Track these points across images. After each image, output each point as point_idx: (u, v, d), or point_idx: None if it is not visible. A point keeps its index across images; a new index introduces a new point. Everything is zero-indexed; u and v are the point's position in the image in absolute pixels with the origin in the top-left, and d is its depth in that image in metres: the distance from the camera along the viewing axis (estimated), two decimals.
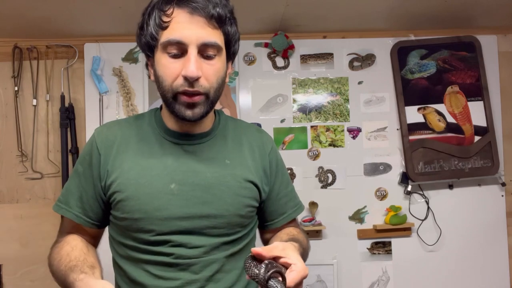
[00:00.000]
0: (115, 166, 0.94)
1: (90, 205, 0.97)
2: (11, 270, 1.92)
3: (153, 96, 1.96)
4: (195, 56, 0.87)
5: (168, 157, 0.94)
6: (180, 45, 0.87)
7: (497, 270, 2.01)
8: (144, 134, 0.98)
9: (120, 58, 1.96)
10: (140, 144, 0.96)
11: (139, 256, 0.93)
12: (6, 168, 1.95)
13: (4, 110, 1.96)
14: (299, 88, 2.01)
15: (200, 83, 0.87)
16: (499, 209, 2.03)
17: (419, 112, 1.99)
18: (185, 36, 0.86)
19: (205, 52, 0.88)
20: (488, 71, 2.02)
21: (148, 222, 0.90)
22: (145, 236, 0.91)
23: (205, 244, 0.92)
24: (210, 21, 0.88)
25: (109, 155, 0.95)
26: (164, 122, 0.98)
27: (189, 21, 0.87)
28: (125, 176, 0.92)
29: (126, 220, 0.92)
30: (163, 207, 0.90)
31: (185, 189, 0.92)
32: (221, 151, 0.98)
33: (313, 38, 2.02)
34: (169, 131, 0.97)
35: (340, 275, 1.96)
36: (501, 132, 2.03)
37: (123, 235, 0.95)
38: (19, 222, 1.93)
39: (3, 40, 1.94)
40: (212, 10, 0.87)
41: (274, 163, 1.06)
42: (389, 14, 1.85)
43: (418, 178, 1.96)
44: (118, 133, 0.98)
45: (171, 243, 0.91)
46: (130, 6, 1.65)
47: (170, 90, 0.88)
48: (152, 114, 1.02)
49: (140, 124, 1.00)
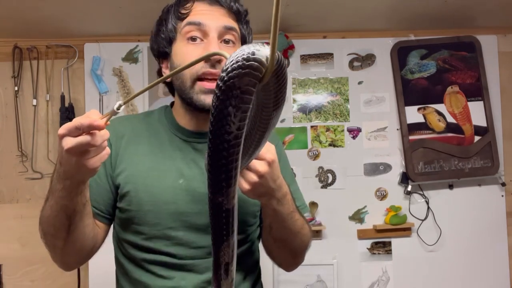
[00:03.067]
0: (125, 157, 0.93)
1: (102, 196, 0.93)
2: (11, 270, 1.92)
3: (153, 96, 1.96)
4: (216, 39, 0.88)
5: (177, 153, 0.94)
6: (200, 28, 0.88)
7: (497, 270, 2.01)
8: (154, 130, 0.97)
9: (120, 58, 1.96)
10: (151, 139, 0.96)
11: (142, 255, 0.92)
12: (6, 168, 1.95)
13: (4, 110, 1.96)
14: (299, 88, 2.01)
15: (221, 65, 0.87)
16: (499, 209, 2.03)
17: (419, 112, 1.99)
18: (206, 19, 0.88)
19: (225, 36, 0.89)
20: (488, 71, 2.02)
21: (156, 215, 0.90)
22: (150, 230, 0.90)
23: (209, 245, 0.91)
24: (229, 12, 0.90)
25: (119, 146, 0.94)
26: (176, 119, 0.98)
27: (210, 9, 0.89)
28: (135, 168, 0.92)
29: (133, 211, 0.90)
30: (172, 201, 0.90)
31: (193, 185, 0.91)
32: None
33: (313, 38, 2.02)
34: (180, 128, 0.96)
35: (340, 275, 1.96)
36: (501, 132, 2.03)
37: (127, 230, 0.93)
38: (19, 222, 1.93)
39: (3, 40, 1.94)
40: (231, 3, 0.90)
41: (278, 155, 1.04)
42: (389, 14, 1.85)
43: (418, 178, 1.96)
44: (128, 127, 0.98)
45: (175, 240, 0.90)
46: (130, 6, 1.65)
47: (189, 76, 0.87)
48: (162, 112, 1.01)
49: (150, 121, 1.00)
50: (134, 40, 1.96)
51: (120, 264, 0.98)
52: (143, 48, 1.96)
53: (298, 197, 1.06)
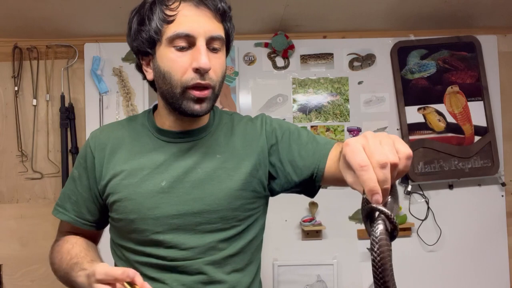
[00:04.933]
0: (109, 168, 0.94)
1: (87, 208, 0.98)
2: (11, 270, 1.92)
3: (153, 96, 1.96)
4: (205, 47, 0.86)
5: (160, 156, 0.94)
6: (188, 38, 0.86)
7: (497, 270, 2.01)
8: (136, 135, 0.98)
9: (120, 58, 1.96)
10: (132, 144, 0.96)
11: (135, 258, 0.93)
12: (6, 168, 1.95)
13: (4, 110, 1.96)
14: (299, 88, 2.01)
15: (209, 75, 0.87)
16: (499, 209, 2.02)
17: (419, 112, 1.99)
18: (193, 28, 0.85)
19: (211, 45, 0.88)
20: (488, 71, 2.02)
21: (142, 222, 0.90)
22: (139, 237, 0.91)
23: (199, 245, 0.91)
24: (215, 14, 0.88)
25: (103, 157, 0.95)
26: (156, 122, 0.98)
27: (196, 13, 0.86)
28: (118, 177, 0.92)
29: (122, 221, 0.93)
30: (155, 206, 0.90)
31: (176, 187, 0.91)
32: (213, 146, 0.96)
33: (313, 38, 2.02)
34: (163, 130, 0.96)
35: (340, 275, 1.96)
36: (501, 132, 2.03)
37: (121, 237, 0.96)
38: (19, 222, 1.93)
39: (3, 40, 1.94)
40: (218, 4, 0.88)
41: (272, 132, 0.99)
42: (389, 14, 1.85)
43: (418, 178, 1.96)
44: (110, 135, 0.98)
45: (165, 244, 0.91)
46: (130, 6, 1.64)
47: (179, 84, 0.87)
48: (145, 115, 1.01)
49: (133, 125, 1.00)
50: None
51: (116, 266, 0.99)
52: None
53: (318, 140, 0.97)
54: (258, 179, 0.96)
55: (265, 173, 0.97)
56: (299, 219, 1.96)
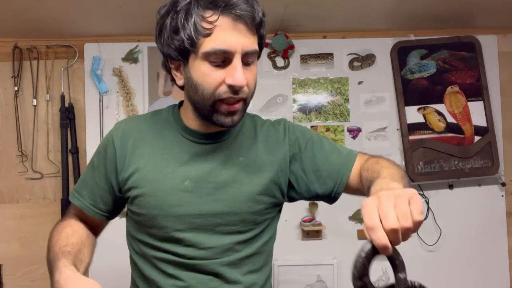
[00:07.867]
0: (132, 161, 0.94)
1: (101, 197, 0.98)
2: (11, 270, 1.92)
3: (153, 96, 1.96)
4: (241, 65, 0.85)
5: (184, 154, 0.94)
6: (225, 54, 0.84)
7: (497, 270, 2.01)
8: (160, 130, 0.98)
9: (120, 58, 1.96)
10: (157, 140, 0.96)
11: (153, 253, 0.94)
12: (6, 168, 1.95)
13: (4, 110, 1.96)
14: (299, 88, 2.01)
15: (242, 89, 0.87)
16: (499, 209, 2.02)
17: (419, 112, 1.99)
18: (231, 45, 0.83)
19: (246, 59, 0.87)
20: (488, 71, 2.02)
21: (164, 218, 0.91)
22: (159, 233, 0.92)
23: (217, 246, 0.92)
24: (251, 28, 0.86)
25: (125, 149, 0.95)
26: (183, 120, 0.97)
27: (233, 28, 0.84)
28: (141, 172, 0.93)
29: (143, 215, 0.93)
30: (177, 204, 0.91)
31: (198, 187, 0.92)
32: (236, 149, 0.97)
33: (313, 38, 2.02)
34: (188, 129, 0.96)
35: (340, 275, 1.96)
36: (501, 132, 2.03)
37: (139, 231, 0.96)
38: (19, 222, 1.93)
39: (3, 40, 1.94)
40: (256, 17, 0.86)
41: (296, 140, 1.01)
42: (389, 14, 1.86)
43: (418, 178, 1.96)
44: (134, 128, 0.98)
45: (184, 242, 0.91)
46: (130, 6, 1.65)
47: (211, 97, 0.86)
48: (170, 111, 1.01)
49: (157, 120, 1.00)
50: (134, 40, 1.96)
51: (133, 261, 1.00)
52: (143, 48, 1.96)
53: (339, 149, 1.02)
54: (278, 186, 0.98)
55: (285, 181, 0.99)
56: (299, 219, 1.96)
